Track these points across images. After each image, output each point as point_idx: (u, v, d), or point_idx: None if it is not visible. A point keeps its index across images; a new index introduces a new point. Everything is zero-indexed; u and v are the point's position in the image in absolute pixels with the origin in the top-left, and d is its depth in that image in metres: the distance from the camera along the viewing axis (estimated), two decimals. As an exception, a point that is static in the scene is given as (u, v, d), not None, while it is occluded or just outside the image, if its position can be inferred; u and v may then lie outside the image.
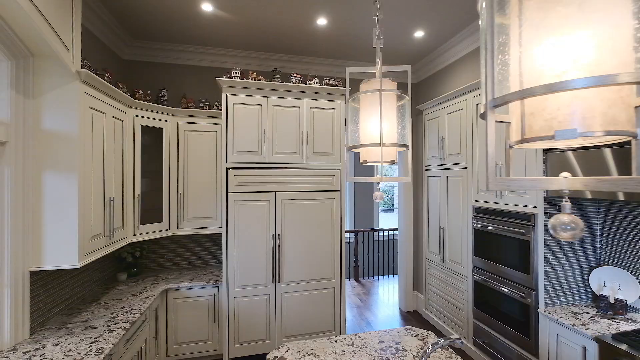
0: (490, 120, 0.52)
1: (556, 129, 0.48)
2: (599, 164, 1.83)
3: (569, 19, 0.46)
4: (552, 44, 0.48)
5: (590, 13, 0.45)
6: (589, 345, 1.86)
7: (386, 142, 1.21)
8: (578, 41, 0.46)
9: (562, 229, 0.52)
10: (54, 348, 1.71)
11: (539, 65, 0.49)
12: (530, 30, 0.50)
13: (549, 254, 2.21)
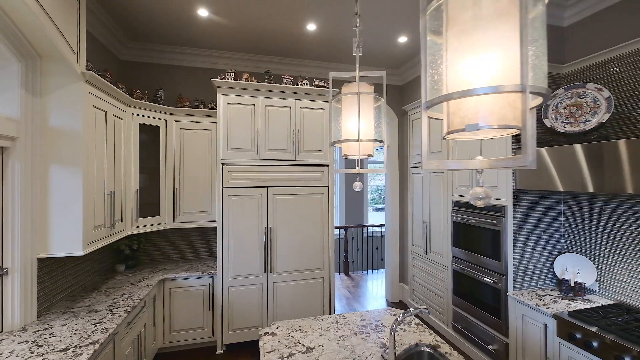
0: (424, 116, 0.71)
1: (466, 124, 0.66)
2: (572, 159, 2.00)
3: (475, 46, 0.65)
4: (465, 62, 0.66)
5: (489, 42, 0.64)
6: (549, 322, 2.08)
7: (363, 138, 1.39)
8: (481, 61, 0.64)
9: (477, 199, 0.71)
10: (62, 328, 1.85)
11: (457, 78, 0.67)
12: (452, 52, 0.68)
13: (517, 243, 2.43)
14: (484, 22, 0.64)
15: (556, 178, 2.10)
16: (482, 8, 0.64)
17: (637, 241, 2.06)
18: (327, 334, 1.76)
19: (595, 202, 2.31)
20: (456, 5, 0.67)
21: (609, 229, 2.22)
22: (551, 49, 2.51)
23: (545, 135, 2.40)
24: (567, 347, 1.94)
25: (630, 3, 2.11)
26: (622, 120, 2.14)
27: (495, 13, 0.63)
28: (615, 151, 1.78)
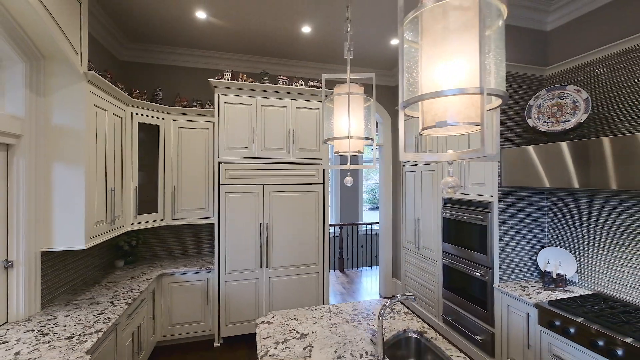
0: (401, 114, 0.81)
1: (436, 121, 0.76)
2: (558, 156, 2.09)
3: (444, 54, 0.74)
4: (436, 68, 0.76)
5: (456, 51, 0.74)
6: (531, 311, 2.19)
7: (353, 136, 1.49)
8: (450, 67, 0.74)
9: (448, 187, 0.81)
10: (65, 318, 1.93)
11: (429, 81, 0.77)
12: (425, 59, 0.78)
13: (503, 237, 2.54)
14: (452, 34, 0.74)
15: (543, 175, 2.20)
16: (450, 22, 0.74)
17: (613, 234, 2.19)
18: (320, 322, 1.86)
19: (576, 197, 2.43)
20: (429, 18, 0.77)
21: (587, 223, 2.35)
22: (535, 52, 2.63)
23: (529, 134, 2.52)
24: (547, 334, 2.06)
25: (606, 10, 2.23)
26: (600, 120, 2.26)
27: (461, 26, 0.73)
28: (599, 148, 1.86)
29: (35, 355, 1.52)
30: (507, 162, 2.46)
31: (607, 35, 2.22)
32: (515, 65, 2.56)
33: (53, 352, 1.55)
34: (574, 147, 2.01)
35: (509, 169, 2.45)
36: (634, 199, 2.07)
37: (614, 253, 2.18)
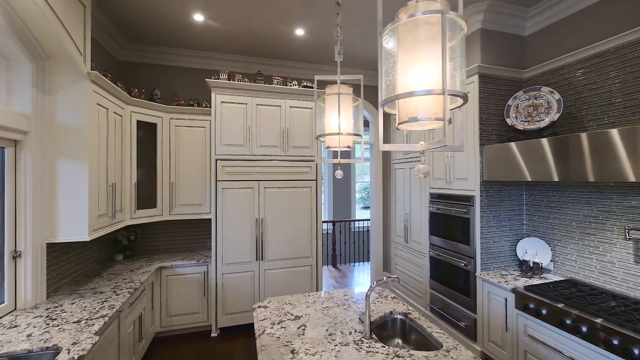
0: (380, 111, 0.95)
1: (409, 117, 0.91)
2: (538, 151, 2.24)
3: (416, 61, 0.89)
4: (410, 72, 0.91)
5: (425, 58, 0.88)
6: (509, 296, 2.36)
7: (343, 132, 1.63)
8: (420, 72, 0.89)
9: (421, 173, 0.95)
10: (71, 306, 2.03)
11: (404, 83, 0.92)
12: (400, 64, 0.93)
13: (484, 229, 2.71)
14: (422, 44, 0.88)
15: (525, 169, 2.36)
16: (420, 34, 0.88)
17: (583, 225, 2.37)
18: (313, 306, 2.00)
19: (550, 191, 2.62)
20: (403, 31, 0.92)
21: (560, 215, 2.53)
22: (514, 56, 2.81)
23: (508, 133, 2.69)
24: (523, 317, 2.23)
25: (577, 18, 2.42)
26: (571, 119, 2.44)
27: (429, 38, 0.88)
28: (578, 144, 1.97)
29: (47, 337, 1.62)
30: (488, 158, 2.63)
31: (577, 41, 2.40)
32: (497, 68, 2.73)
33: (63, 334, 1.66)
34: (554, 143, 2.11)
35: (490, 164, 2.62)
36: (600, 192, 2.26)
37: (584, 242, 2.37)
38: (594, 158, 1.91)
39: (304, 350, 1.47)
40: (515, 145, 2.40)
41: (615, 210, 2.17)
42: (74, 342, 1.57)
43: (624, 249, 2.12)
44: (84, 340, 1.60)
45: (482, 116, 2.69)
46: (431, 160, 3.33)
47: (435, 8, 0.85)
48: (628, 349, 1.62)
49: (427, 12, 0.85)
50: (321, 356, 1.42)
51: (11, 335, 1.64)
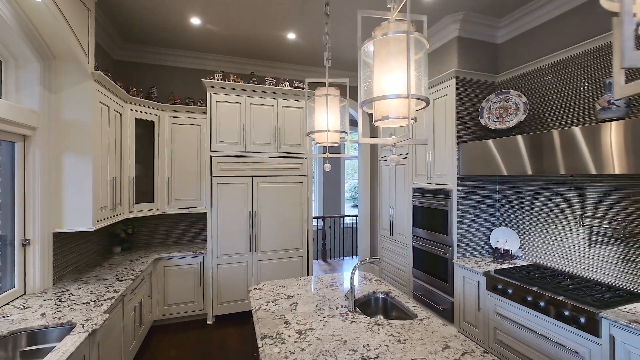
0: (360, 110, 1.16)
1: (382, 115, 1.12)
2: (515, 147, 2.45)
3: (388, 69, 1.10)
4: (383, 79, 1.11)
5: (395, 68, 1.09)
6: (481, 279, 2.61)
7: (330, 129, 1.84)
8: (391, 79, 1.10)
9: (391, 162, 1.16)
10: (77, 290, 2.17)
11: (379, 88, 1.12)
12: (376, 72, 1.13)
13: (461, 219, 2.96)
14: (392, 56, 1.09)
15: (501, 164, 2.59)
16: (391, 48, 1.09)
17: (546, 215, 2.65)
18: (304, 287, 2.20)
19: (519, 185, 2.89)
20: (378, 45, 1.13)
21: (528, 207, 2.80)
22: (488, 62, 3.07)
23: (482, 132, 2.95)
24: (492, 297, 2.49)
25: (542, 30, 2.68)
26: (536, 119, 2.71)
27: (398, 52, 1.09)
28: (550, 139, 2.16)
29: (60, 315, 1.77)
30: (465, 154, 2.87)
31: (542, 50, 2.67)
32: (472, 73, 2.98)
33: (75, 313, 1.81)
34: (529, 140, 2.30)
35: (466, 161, 2.87)
36: (560, 185, 2.53)
37: (547, 230, 2.64)
38: (564, 153, 2.07)
39: (296, 322, 1.67)
40: (492, 142, 2.64)
41: (572, 201, 2.44)
42: (86, 319, 1.73)
43: (579, 235, 2.40)
44: (95, 317, 1.75)
45: (459, 116, 2.94)
46: (414, 158, 3.57)
47: (403, 29, 1.06)
48: (576, 317, 1.88)
49: (396, 32, 1.06)
50: (311, 325, 1.62)
51: (26, 315, 1.78)
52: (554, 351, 2.01)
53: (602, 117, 1.97)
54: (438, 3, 2.75)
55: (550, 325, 2.04)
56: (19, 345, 1.61)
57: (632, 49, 0.38)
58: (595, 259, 2.30)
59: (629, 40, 0.38)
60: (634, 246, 2.08)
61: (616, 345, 1.71)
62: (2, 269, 2.00)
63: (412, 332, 1.56)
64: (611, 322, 1.72)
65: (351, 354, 1.36)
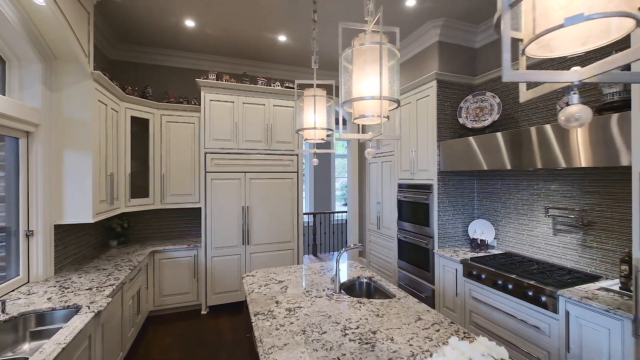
0: (341, 110, 1.33)
1: (360, 114, 1.29)
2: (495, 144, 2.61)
3: (364, 74, 1.27)
4: (360, 83, 1.29)
5: (370, 73, 1.27)
6: (458, 267, 2.82)
7: (318, 127, 2.00)
8: (367, 82, 1.27)
9: (368, 155, 1.34)
10: (79, 279, 2.30)
11: (357, 90, 1.30)
12: (354, 77, 1.31)
13: (441, 212, 3.17)
14: (368, 63, 1.27)
15: (481, 160, 2.78)
16: (367, 56, 1.27)
17: (518, 207, 2.87)
18: (294, 274, 2.36)
19: (494, 180, 3.11)
20: (356, 53, 1.30)
21: (502, 200, 3.03)
22: (467, 65, 3.28)
23: (460, 130, 3.16)
24: (468, 282, 2.70)
25: (514, 35, 2.90)
26: (509, 119, 2.94)
27: (373, 59, 1.26)
28: (528, 136, 2.29)
29: (66, 299, 1.90)
30: (444, 151, 3.08)
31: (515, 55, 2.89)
32: (452, 75, 3.19)
33: (80, 297, 1.94)
34: (509, 136, 2.44)
35: (446, 157, 3.07)
36: (530, 179, 2.76)
37: (519, 221, 2.87)
38: (541, 148, 2.20)
39: (286, 302, 1.84)
40: (473, 139, 2.81)
41: (540, 193, 2.67)
42: (91, 302, 1.86)
43: (545, 225, 2.63)
44: (99, 300, 1.89)
45: (439, 116, 3.14)
46: (399, 155, 3.77)
47: (376, 40, 1.24)
48: (538, 297, 2.10)
49: (370, 43, 1.23)
50: (299, 304, 1.80)
51: (33, 299, 1.91)
52: (520, 328, 2.23)
53: (561, 117, 2.18)
54: (420, 9, 2.94)
55: (517, 305, 2.25)
56: (28, 326, 1.74)
57: (509, 69, 0.56)
58: (559, 246, 2.53)
59: (506, 62, 0.56)
60: (591, 234, 2.32)
61: (570, 319, 1.93)
62: (7, 258, 2.11)
63: (390, 308, 1.75)
64: (567, 299, 1.94)
65: (334, 325, 1.54)
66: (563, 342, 1.96)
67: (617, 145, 1.80)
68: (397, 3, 2.84)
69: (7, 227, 2.12)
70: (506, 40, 0.57)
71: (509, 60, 0.57)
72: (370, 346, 1.35)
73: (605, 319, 1.75)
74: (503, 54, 0.57)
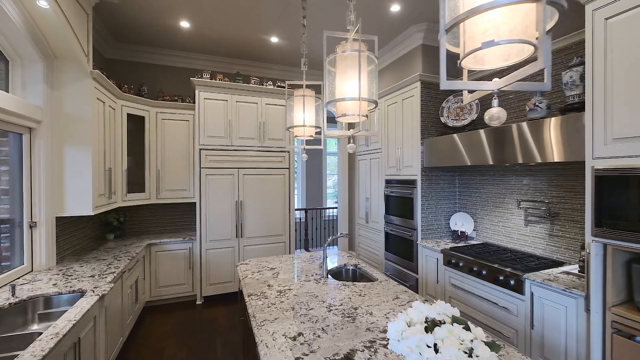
0: (325, 109, 1.50)
1: (342, 112, 1.46)
2: (478, 140, 2.79)
3: (346, 77, 1.44)
4: (342, 85, 1.46)
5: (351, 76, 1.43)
6: (439, 256, 3.02)
7: (307, 124, 2.17)
8: (349, 85, 1.44)
9: (350, 149, 1.51)
10: (81, 268, 2.42)
11: (339, 91, 1.47)
12: (338, 79, 1.47)
13: (424, 206, 3.37)
14: (349, 68, 1.44)
15: (465, 156, 2.96)
16: (348, 62, 1.43)
17: (494, 200, 3.08)
18: (285, 262, 2.53)
19: (473, 175, 3.31)
20: (338, 59, 1.46)
21: (480, 193, 3.24)
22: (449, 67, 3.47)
23: (442, 128, 3.35)
24: (448, 270, 2.90)
25: (492, 39, 3.10)
26: (487, 118, 3.14)
27: (353, 64, 1.43)
28: (509, 133, 2.45)
29: (71, 284, 2.03)
30: (428, 148, 3.27)
31: (492, 57, 3.09)
32: (435, 77, 3.38)
33: (83, 283, 2.07)
34: (491, 134, 2.58)
35: (430, 154, 3.26)
36: (504, 174, 2.97)
37: (495, 213, 3.08)
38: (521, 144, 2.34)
39: (277, 285, 2.00)
40: (457, 136, 2.98)
41: (513, 187, 2.88)
42: (95, 287, 1.99)
43: (518, 216, 2.84)
44: (102, 286, 2.03)
45: (423, 115, 3.33)
46: (387, 152, 3.95)
47: (356, 48, 1.41)
48: (507, 281, 2.30)
49: (351, 50, 1.40)
50: (290, 287, 1.96)
51: (39, 285, 2.03)
52: (493, 310, 2.44)
53: (530, 117, 2.39)
54: (404, 14, 3.12)
55: (490, 289, 2.46)
56: (37, 308, 1.87)
57: (444, 80, 0.73)
58: (530, 235, 2.75)
59: (443, 74, 0.73)
60: (557, 224, 2.53)
61: (534, 299, 2.13)
62: (12, 248, 2.22)
63: (371, 289, 1.92)
64: (531, 282, 2.15)
65: (320, 303, 1.71)
66: (528, 321, 2.17)
67: (577, 143, 2.00)
68: (383, 8, 3.02)
69: (11, 219, 2.23)
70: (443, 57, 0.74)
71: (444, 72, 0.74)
72: (352, 319, 1.52)
73: (563, 298, 1.96)
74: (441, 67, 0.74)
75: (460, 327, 0.94)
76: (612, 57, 1.70)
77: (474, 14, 0.66)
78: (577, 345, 1.91)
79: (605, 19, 1.73)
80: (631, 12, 1.63)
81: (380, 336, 1.36)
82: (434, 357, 0.86)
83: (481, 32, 0.72)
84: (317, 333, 1.38)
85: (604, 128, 1.74)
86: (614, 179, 1.69)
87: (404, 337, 0.94)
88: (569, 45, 2.43)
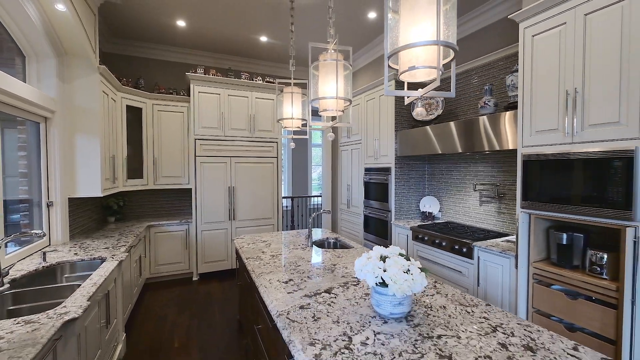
0: (309, 106, 1.88)
1: (323, 108, 1.85)
2: (448, 132, 3.31)
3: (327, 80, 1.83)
4: (324, 86, 1.85)
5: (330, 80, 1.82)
6: (409, 233, 3.49)
7: (294, 117, 2.54)
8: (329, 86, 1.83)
9: (330, 138, 1.91)
10: (93, 242, 2.73)
11: (322, 90, 1.86)
12: (320, 81, 1.86)
13: (397, 191, 3.82)
14: (329, 74, 1.82)
15: (437, 145, 3.41)
16: (328, 69, 1.82)
17: (456, 184, 3.57)
18: (276, 237, 2.92)
19: (440, 163, 3.79)
20: (321, 65, 1.85)
21: (445, 179, 3.72)
22: (421, 67, 3.91)
23: (413, 122, 3.80)
24: (416, 245, 3.37)
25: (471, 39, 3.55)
26: (451, 113, 3.61)
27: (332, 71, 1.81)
28: (476, 125, 2.92)
29: (90, 253, 2.35)
30: (401, 139, 3.71)
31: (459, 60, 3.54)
32: (408, 75, 3.80)
33: (101, 252, 2.39)
34: (461, 125, 3.00)
35: (403, 144, 3.70)
36: (464, 162, 3.45)
37: (456, 196, 3.57)
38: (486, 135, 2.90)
39: (270, 252, 2.40)
40: (430, 128, 3.42)
41: (470, 173, 3.37)
42: (112, 255, 2.33)
43: (474, 198, 3.34)
44: (119, 254, 2.36)
45: (397, 109, 3.76)
46: (366, 143, 4.37)
47: (334, 58, 1.79)
48: (461, 249, 2.78)
49: (330, 59, 1.79)
50: (281, 252, 2.36)
51: (61, 255, 2.34)
52: (451, 274, 2.92)
53: (481, 113, 2.86)
54: (380, 20, 3.51)
55: (448, 257, 2.94)
56: (64, 272, 2.19)
57: (387, 89, 1.13)
58: (484, 214, 3.25)
59: (386, 85, 1.13)
60: (504, 202, 3.04)
61: (480, 262, 2.63)
62: (31, 225, 2.51)
63: (347, 254, 2.35)
64: (479, 248, 2.64)
65: (306, 262, 2.12)
66: (476, 280, 2.67)
67: (513, 134, 2.48)
68: (362, 15, 3.40)
69: (30, 199, 2.51)
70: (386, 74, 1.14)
71: (387, 84, 1.15)
72: (330, 271, 1.94)
73: (501, 259, 2.46)
74: (385, 81, 1.15)
75: (402, 257, 1.37)
76: (537, 66, 2.16)
77: (403, 49, 1.07)
78: (509, 296, 2.41)
79: (532, 35, 2.19)
80: (551, 32, 2.09)
81: (352, 281, 1.78)
82: (383, 274, 1.29)
83: (408, 60, 1.13)
84: (303, 279, 1.79)
85: (530, 122, 2.21)
86: (534, 163, 2.17)
87: (365, 266, 1.37)
88: (514, 53, 2.90)
